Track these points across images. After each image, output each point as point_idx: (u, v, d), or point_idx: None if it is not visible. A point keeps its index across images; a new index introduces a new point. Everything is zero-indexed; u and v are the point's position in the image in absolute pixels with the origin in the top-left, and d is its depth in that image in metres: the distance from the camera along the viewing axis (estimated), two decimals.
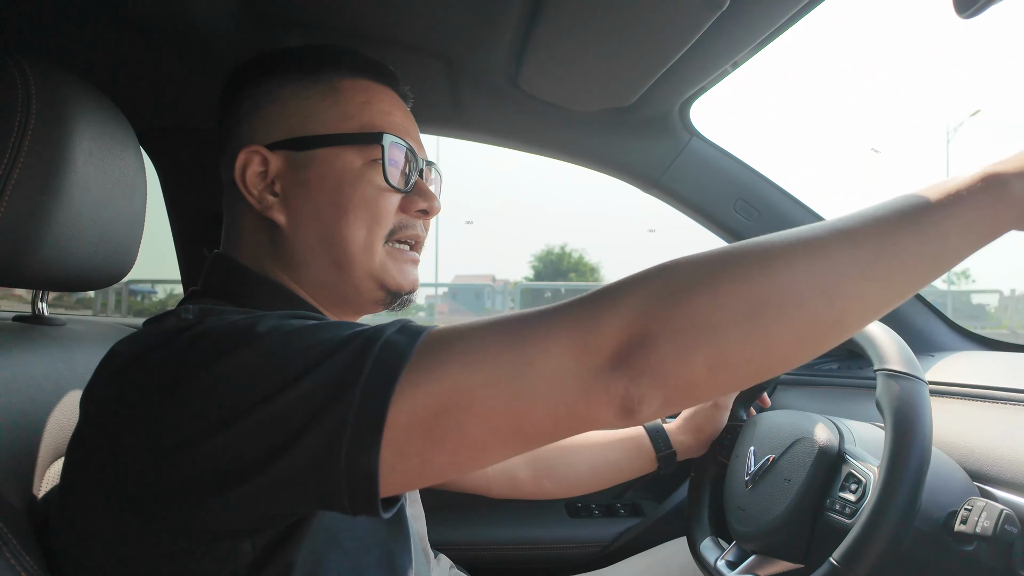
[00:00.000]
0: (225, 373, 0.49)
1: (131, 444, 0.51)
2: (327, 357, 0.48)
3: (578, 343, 0.46)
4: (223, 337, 0.51)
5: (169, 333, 0.54)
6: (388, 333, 0.50)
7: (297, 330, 0.51)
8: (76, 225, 0.74)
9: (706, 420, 1.09)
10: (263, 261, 0.73)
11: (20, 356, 0.72)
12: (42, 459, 0.69)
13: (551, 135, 1.32)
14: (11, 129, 0.67)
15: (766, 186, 1.35)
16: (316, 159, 0.71)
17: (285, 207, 0.71)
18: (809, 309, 0.46)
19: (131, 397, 0.52)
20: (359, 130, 0.72)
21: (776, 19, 0.93)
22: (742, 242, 0.48)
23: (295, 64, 0.74)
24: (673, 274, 0.47)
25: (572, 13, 0.87)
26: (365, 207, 0.71)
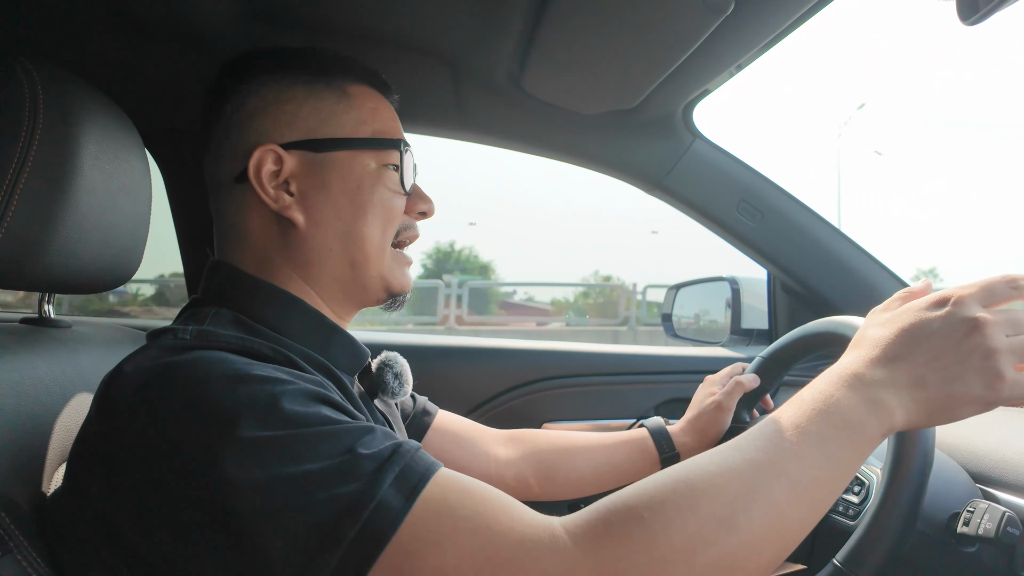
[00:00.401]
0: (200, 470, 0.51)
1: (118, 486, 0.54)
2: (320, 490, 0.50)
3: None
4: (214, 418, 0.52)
5: (161, 367, 0.56)
6: (383, 490, 0.50)
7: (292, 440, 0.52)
8: (82, 228, 0.75)
9: (710, 422, 1.09)
10: (272, 260, 0.73)
11: (27, 359, 0.72)
12: (50, 461, 0.69)
13: (554, 137, 1.32)
14: (19, 134, 0.67)
15: (769, 187, 1.36)
16: (335, 161, 0.73)
17: (303, 206, 0.72)
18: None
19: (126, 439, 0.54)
20: (373, 135, 0.75)
21: (781, 22, 0.94)
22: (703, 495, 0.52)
23: (304, 65, 0.75)
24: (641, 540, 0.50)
25: (576, 16, 0.88)
26: (382, 208, 0.74)
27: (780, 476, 0.53)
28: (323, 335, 0.72)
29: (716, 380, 1.14)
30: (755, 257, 1.43)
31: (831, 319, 0.94)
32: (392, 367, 0.83)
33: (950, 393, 0.57)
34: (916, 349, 0.59)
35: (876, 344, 0.61)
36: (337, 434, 0.53)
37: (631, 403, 1.46)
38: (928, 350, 0.58)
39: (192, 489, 0.50)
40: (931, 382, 0.58)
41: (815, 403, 0.57)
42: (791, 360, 1.06)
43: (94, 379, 0.79)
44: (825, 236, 1.38)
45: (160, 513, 0.52)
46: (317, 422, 0.53)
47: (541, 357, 1.47)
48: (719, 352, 1.57)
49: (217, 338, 0.62)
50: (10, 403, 0.66)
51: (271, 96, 0.73)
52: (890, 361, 0.59)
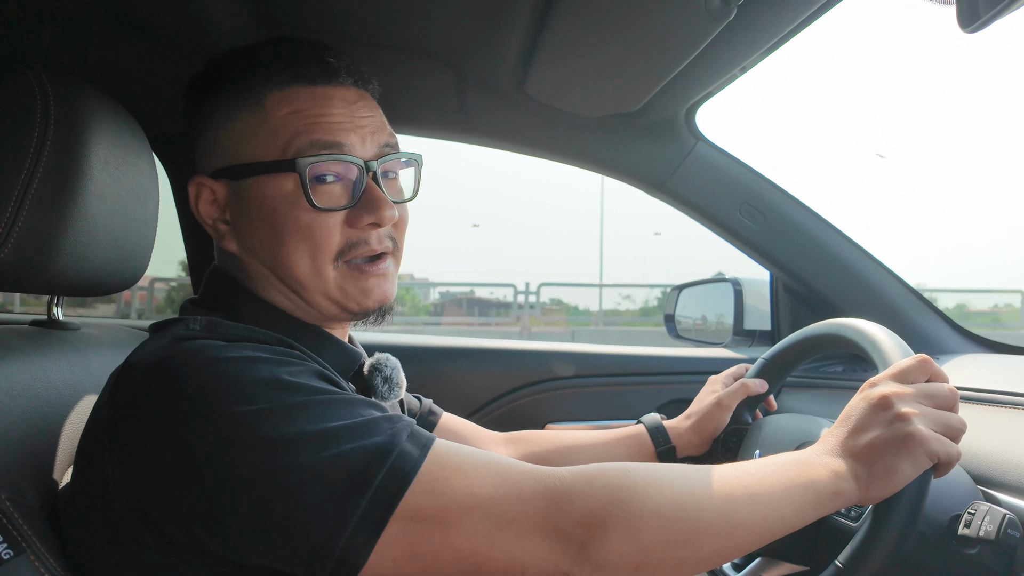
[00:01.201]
0: (233, 435, 0.54)
1: (132, 474, 0.57)
2: (348, 441, 0.55)
3: (549, 525, 0.57)
4: (234, 388, 0.56)
5: (177, 349, 0.59)
6: (402, 442, 0.57)
7: (315, 403, 0.57)
8: (92, 232, 0.76)
9: (707, 418, 1.10)
10: (239, 282, 0.74)
11: (38, 361, 0.73)
12: (60, 462, 0.70)
13: (557, 140, 1.33)
14: (31, 141, 0.69)
15: (771, 189, 1.36)
16: (251, 186, 0.69)
17: (235, 236, 0.72)
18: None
19: (139, 429, 0.57)
20: (281, 150, 0.68)
21: (784, 26, 0.94)
22: (701, 497, 0.62)
23: (226, 81, 0.71)
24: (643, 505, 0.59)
25: (580, 21, 0.88)
26: (301, 233, 0.68)
27: (748, 506, 0.63)
28: (312, 342, 0.73)
29: (719, 380, 1.15)
30: (757, 258, 1.43)
31: (833, 322, 0.95)
32: (381, 371, 0.82)
33: (876, 461, 0.66)
34: (849, 427, 0.69)
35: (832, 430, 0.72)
36: (351, 401, 0.60)
37: (634, 404, 1.47)
38: (855, 427, 0.69)
39: (223, 453, 0.54)
40: (862, 454, 0.67)
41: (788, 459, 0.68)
42: (794, 362, 1.07)
43: (103, 380, 0.80)
44: (827, 237, 1.39)
45: (191, 486, 0.54)
46: (331, 391, 0.59)
47: (544, 358, 1.48)
48: (722, 353, 1.57)
49: (226, 328, 0.65)
50: (22, 405, 0.67)
51: (197, 122, 0.74)
52: (836, 437, 0.70)
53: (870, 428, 0.68)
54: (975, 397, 1.00)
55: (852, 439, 0.68)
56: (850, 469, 0.66)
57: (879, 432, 0.67)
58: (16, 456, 0.63)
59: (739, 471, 0.66)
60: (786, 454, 0.70)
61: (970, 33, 0.54)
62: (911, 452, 0.65)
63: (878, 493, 0.66)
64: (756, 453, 0.98)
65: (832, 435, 0.70)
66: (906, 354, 0.79)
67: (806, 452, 0.70)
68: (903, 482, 0.66)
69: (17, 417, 0.65)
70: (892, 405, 0.67)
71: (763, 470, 0.66)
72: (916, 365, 0.71)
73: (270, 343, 0.65)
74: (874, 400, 0.69)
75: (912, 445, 0.65)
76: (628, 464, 0.63)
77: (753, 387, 1.09)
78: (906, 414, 0.66)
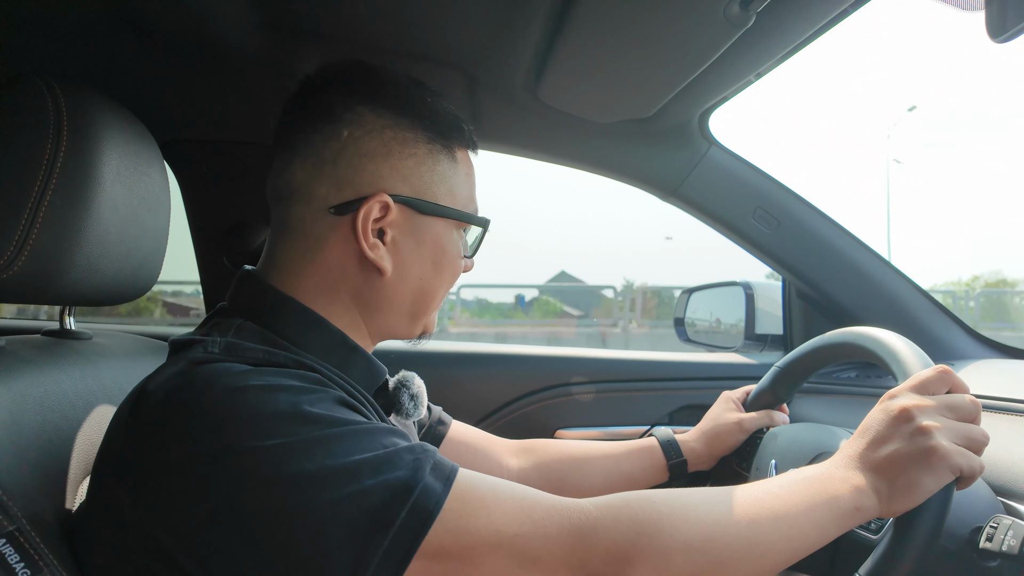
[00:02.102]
0: (252, 472, 0.53)
1: (146, 499, 0.55)
2: (369, 477, 0.54)
3: (575, 562, 0.57)
4: (253, 421, 0.55)
5: (194, 376, 0.58)
6: (425, 476, 0.56)
7: (335, 437, 0.56)
8: (105, 243, 0.75)
9: (724, 435, 1.09)
10: (338, 292, 0.72)
11: (51, 373, 0.73)
12: (73, 476, 0.70)
13: (569, 145, 1.32)
14: (44, 152, 0.68)
15: (785, 195, 1.35)
16: (432, 223, 0.75)
17: (393, 257, 0.73)
18: None
19: (156, 457, 0.56)
20: (463, 204, 0.78)
21: (801, 33, 0.93)
22: (727, 523, 0.61)
23: (431, 120, 0.75)
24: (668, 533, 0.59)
25: (596, 29, 0.87)
26: (452, 271, 0.78)
27: (774, 529, 0.62)
28: (342, 354, 0.73)
29: (734, 396, 1.14)
30: (771, 264, 1.42)
31: (849, 330, 0.93)
32: (409, 388, 0.83)
33: (897, 475, 0.65)
34: (868, 439, 0.68)
35: (849, 442, 0.71)
36: (372, 431, 0.58)
37: (645, 410, 1.46)
38: (874, 439, 0.68)
39: (242, 490, 0.53)
40: (883, 467, 0.66)
41: (808, 475, 0.68)
42: (808, 370, 1.06)
43: (116, 391, 0.80)
44: (841, 242, 1.37)
45: (208, 523, 0.53)
46: (353, 422, 0.58)
47: (554, 364, 1.47)
48: (734, 358, 1.56)
49: (244, 352, 0.63)
50: (36, 419, 0.67)
51: (395, 145, 0.72)
52: (855, 450, 0.69)
53: (890, 441, 0.67)
54: (994, 406, 0.99)
55: (872, 452, 0.68)
56: (871, 483, 0.66)
57: (900, 445, 0.66)
58: (32, 472, 0.63)
59: (762, 492, 0.65)
60: (805, 469, 0.69)
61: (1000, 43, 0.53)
62: (933, 466, 0.64)
63: (900, 507, 0.65)
64: (772, 463, 0.97)
65: (851, 448, 0.70)
66: (926, 365, 0.78)
67: (825, 466, 0.69)
68: (924, 496, 0.65)
69: (32, 432, 0.65)
70: (913, 418, 0.67)
71: (785, 489, 0.65)
72: (936, 376, 0.70)
73: (289, 365, 0.64)
74: (894, 412, 0.68)
75: (934, 459, 0.65)
76: (652, 493, 0.62)
77: (777, 420, 1.10)
78: (927, 427, 0.66)
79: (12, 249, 0.66)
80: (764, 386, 1.11)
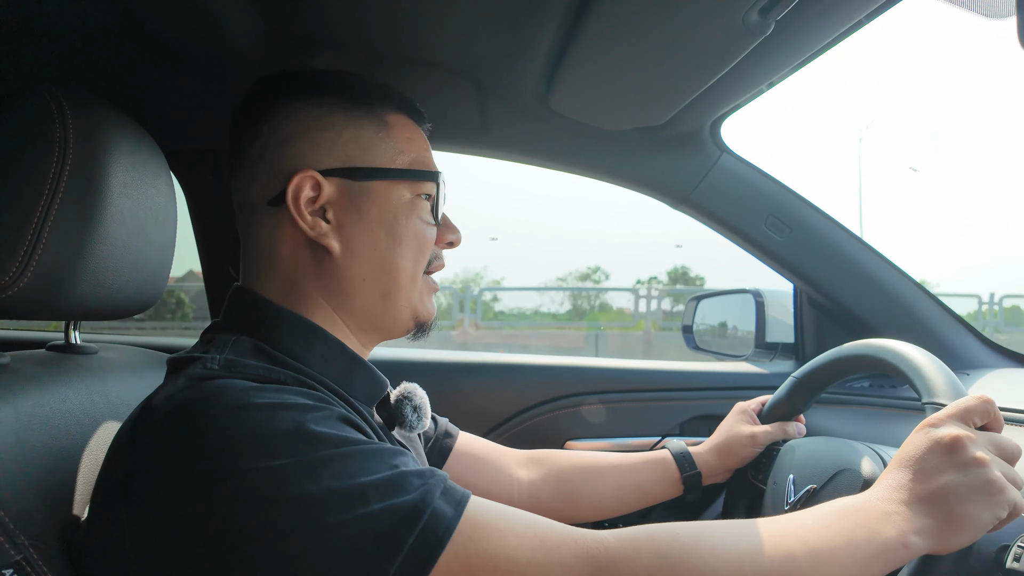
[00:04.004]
0: (255, 493, 0.51)
1: (145, 522, 0.54)
2: (376, 500, 0.52)
3: None
4: (256, 441, 0.53)
5: (194, 395, 0.56)
6: (435, 501, 0.54)
7: (341, 457, 0.54)
8: (111, 257, 0.74)
9: (738, 448, 1.08)
10: (301, 286, 0.72)
11: (57, 390, 0.71)
12: (79, 496, 0.68)
13: (579, 153, 1.30)
14: (50, 165, 0.67)
15: (797, 202, 1.33)
16: (372, 190, 0.72)
17: (339, 235, 0.71)
18: None
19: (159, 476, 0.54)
20: (410, 166, 0.74)
21: (819, 41, 0.92)
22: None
23: (344, 91, 0.73)
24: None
25: (610, 36, 0.86)
26: (416, 238, 0.74)
27: (811, 564, 0.59)
28: (343, 365, 0.71)
29: (748, 409, 1.12)
30: (783, 272, 1.41)
31: (871, 343, 0.92)
32: (411, 400, 0.82)
33: (953, 508, 0.61)
34: (914, 470, 0.64)
35: (890, 472, 0.67)
36: (379, 451, 0.56)
37: (656, 421, 1.44)
38: (922, 470, 0.64)
39: (244, 513, 0.51)
40: (934, 501, 0.62)
41: (845, 507, 0.64)
42: (826, 382, 1.04)
43: (122, 407, 0.79)
44: (854, 250, 1.36)
45: (210, 546, 0.51)
46: (358, 442, 0.56)
47: (563, 373, 1.45)
48: (745, 368, 1.54)
49: (244, 368, 0.62)
50: (42, 439, 0.65)
51: (311, 121, 0.71)
52: (898, 481, 0.65)
53: (942, 472, 0.63)
54: (1011, 418, 0.97)
55: (921, 484, 0.63)
56: (920, 518, 0.62)
57: (954, 477, 0.62)
58: (38, 495, 0.61)
59: (797, 524, 0.62)
60: (842, 501, 0.65)
61: None
62: (992, 499, 0.61)
63: (955, 543, 0.62)
64: (790, 478, 0.95)
65: (894, 479, 0.65)
66: (952, 383, 0.77)
67: (865, 498, 0.65)
68: (982, 531, 0.62)
69: (38, 453, 0.63)
70: (966, 448, 0.63)
71: (822, 521, 0.62)
72: (981, 406, 0.67)
73: (289, 383, 0.62)
74: (945, 442, 0.64)
75: (993, 492, 0.61)
76: (676, 526, 0.59)
77: (793, 433, 1.07)
78: (983, 459, 0.62)
79: (18, 265, 0.65)
80: (780, 396, 1.09)
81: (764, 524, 0.62)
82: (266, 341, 0.68)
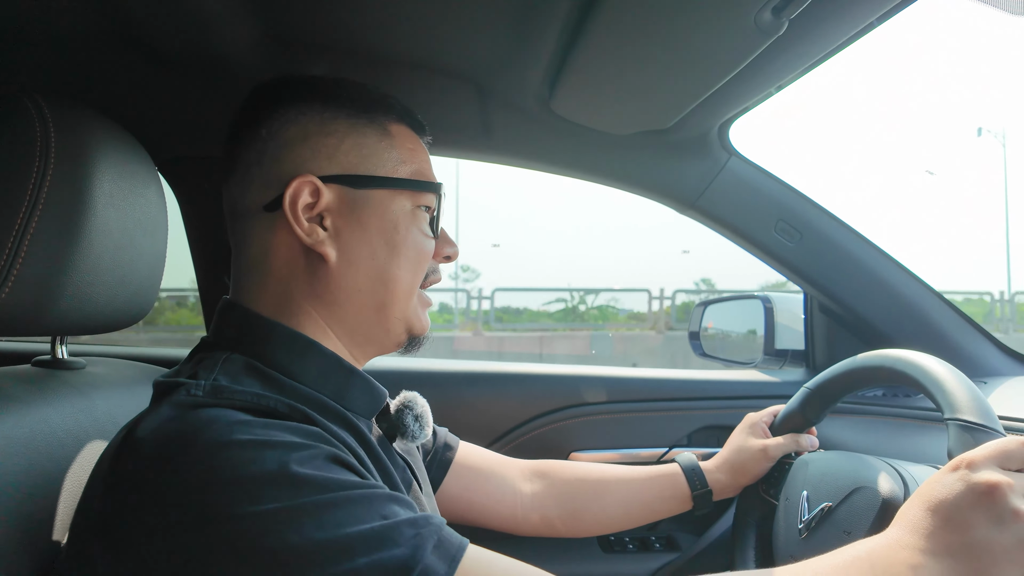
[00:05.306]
0: (232, 543, 0.48)
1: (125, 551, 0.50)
2: (363, 555, 0.49)
3: None
4: (236, 484, 0.50)
5: (175, 432, 0.53)
6: (426, 556, 0.50)
7: (327, 505, 0.51)
8: (97, 270, 0.71)
9: (750, 463, 1.04)
10: (293, 296, 0.69)
11: (40, 409, 0.69)
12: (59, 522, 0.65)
13: (584, 158, 1.27)
14: (30, 174, 0.64)
15: (808, 207, 1.30)
16: (373, 199, 0.70)
17: (336, 243, 0.69)
18: None
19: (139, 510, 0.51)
20: (411, 176, 0.73)
21: (831, 42, 0.88)
22: None
23: (348, 98, 0.72)
24: None
25: (615, 39, 0.83)
26: (415, 250, 0.73)
27: None
28: (340, 379, 0.69)
29: (759, 421, 1.08)
30: (793, 278, 1.37)
31: (888, 354, 0.88)
32: (412, 409, 0.80)
33: (985, 566, 0.56)
34: (943, 516, 0.59)
35: (916, 513, 0.62)
36: (369, 498, 0.53)
37: (663, 431, 1.41)
38: (953, 519, 0.59)
39: (221, 563, 0.48)
40: (964, 554, 0.57)
41: (868, 555, 0.60)
42: (840, 393, 1.00)
43: (108, 425, 0.76)
44: (866, 255, 1.32)
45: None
46: (347, 486, 0.53)
47: (567, 383, 1.42)
48: (755, 376, 1.51)
49: (232, 395, 0.58)
50: (22, 463, 0.62)
51: (312, 126, 0.69)
52: (925, 526, 0.60)
53: (976, 524, 0.57)
54: None
55: (951, 534, 0.58)
56: (945, 572, 0.57)
57: (989, 531, 0.57)
58: (14, 523, 0.58)
59: (815, 575, 0.58)
60: (864, 546, 0.61)
61: None
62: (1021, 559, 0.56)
63: None
64: (804, 494, 0.91)
65: (922, 523, 0.60)
66: (977, 399, 0.73)
67: (885, 544, 0.60)
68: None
69: (15, 477, 0.60)
70: (1006, 499, 0.57)
71: (842, 573, 0.58)
72: (1021, 451, 0.61)
73: (280, 411, 0.59)
74: (981, 489, 0.58)
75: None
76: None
77: (806, 445, 1.04)
78: (1018, 511, 0.57)
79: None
80: (793, 407, 1.06)
81: (781, 574, 0.58)
82: (258, 358, 0.65)
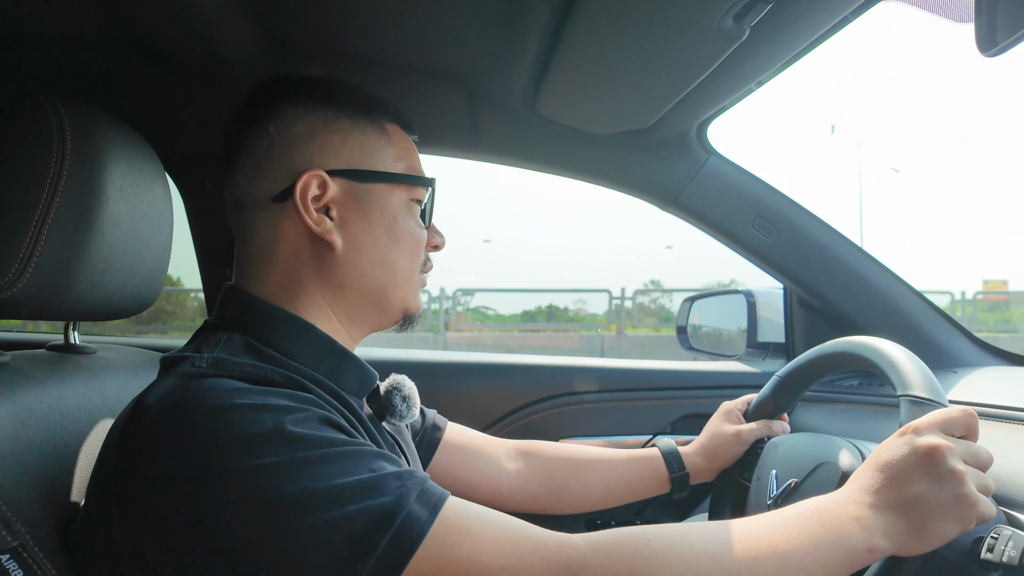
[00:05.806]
0: (235, 493, 0.53)
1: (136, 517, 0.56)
2: (352, 502, 0.54)
3: None
4: (237, 441, 0.55)
5: (180, 397, 0.59)
6: (410, 504, 0.55)
7: (319, 459, 0.56)
8: (108, 259, 0.76)
9: (724, 448, 1.09)
10: (299, 280, 0.74)
11: (55, 388, 0.74)
12: (76, 489, 0.70)
13: (568, 156, 1.33)
14: (48, 170, 0.69)
15: (784, 203, 1.35)
16: (374, 192, 0.77)
17: (342, 232, 0.75)
18: None
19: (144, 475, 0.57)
20: (407, 172, 0.80)
21: (799, 44, 0.93)
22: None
23: (349, 99, 0.78)
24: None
25: (592, 42, 0.88)
26: (411, 239, 0.79)
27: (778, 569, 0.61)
28: (333, 359, 0.74)
29: (734, 408, 1.14)
30: (772, 272, 1.42)
31: (848, 340, 0.93)
32: (400, 390, 0.85)
33: (921, 517, 0.63)
34: (888, 475, 0.65)
35: (864, 472, 0.68)
36: (358, 453, 0.58)
37: (647, 419, 1.46)
38: (897, 476, 0.65)
39: (224, 512, 0.53)
40: (905, 508, 0.64)
41: (816, 509, 0.65)
42: (808, 380, 1.06)
43: (119, 405, 0.81)
44: (841, 250, 1.37)
45: (193, 543, 0.53)
46: (338, 443, 0.58)
47: (556, 373, 1.47)
48: (736, 367, 1.56)
49: (232, 366, 0.64)
50: (40, 434, 0.67)
51: (319, 124, 0.75)
52: (871, 484, 0.66)
53: (916, 481, 0.64)
54: (995, 414, 0.98)
55: (893, 491, 0.65)
56: (887, 523, 0.63)
57: (928, 487, 0.63)
58: (35, 488, 0.63)
59: (765, 527, 0.64)
60: (811, 501, 0.67)
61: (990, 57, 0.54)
62: (962, 513, 0.63)
63: (917, 550, 0.64)
64: (773, 473, 0.97)
65: (867, 481, 0.67)
66: (926, 376, 0.78)
67: (834, 500, 0.66)
68: (944, 541, 0.63)
69: (36, 448, 0.66)
70: (944, 460, 0.64)
71: (791, 525, 0.63)
72: (963, 418, 0.68)
73: (277, 380, 0.64)
74: (922, 451, 0.65)
75: (965, 507, 0.63)
76: (647, 529, 0.62)
77: (777, 430, 1.09)
78: (959, 472, 0.64)
79: (17, 266, 0.67)
80: (765, 395, 1.11)
81: (735, 527, 0.63)
82: (258, 338, 0.70)
